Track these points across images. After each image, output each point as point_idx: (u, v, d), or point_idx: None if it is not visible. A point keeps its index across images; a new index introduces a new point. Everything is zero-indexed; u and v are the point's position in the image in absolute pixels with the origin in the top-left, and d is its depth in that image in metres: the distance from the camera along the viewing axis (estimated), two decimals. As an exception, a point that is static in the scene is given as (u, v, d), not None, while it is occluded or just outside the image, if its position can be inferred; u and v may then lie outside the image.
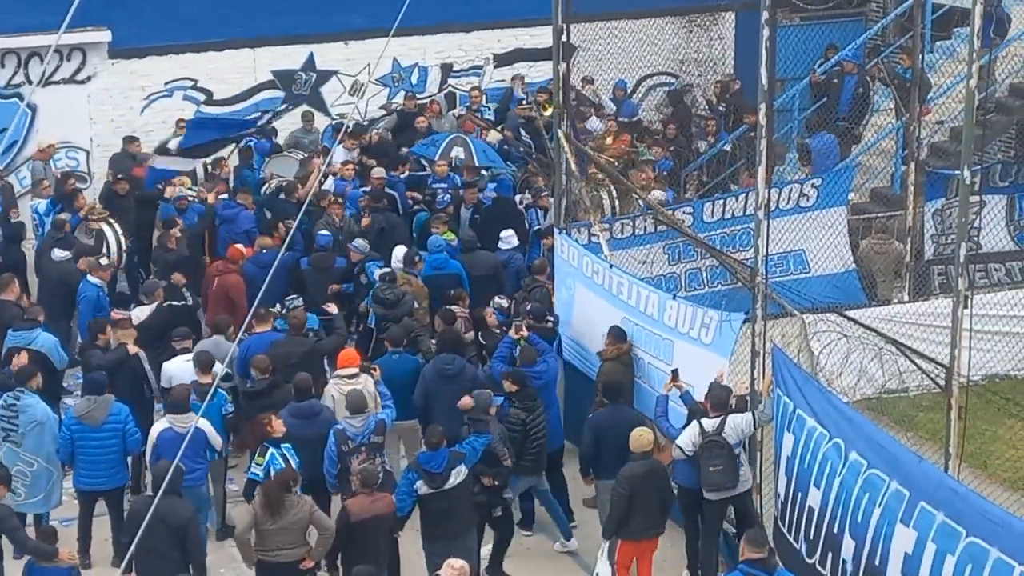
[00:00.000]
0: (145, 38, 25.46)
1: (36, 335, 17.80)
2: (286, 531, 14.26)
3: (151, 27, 25.41)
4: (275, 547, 14.27)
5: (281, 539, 14.27)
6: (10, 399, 16.13)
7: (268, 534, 14.25)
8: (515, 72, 27.32)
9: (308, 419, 15.84)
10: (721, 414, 15.06)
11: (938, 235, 20.16)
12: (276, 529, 14.22)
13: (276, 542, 14.26)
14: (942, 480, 12.56)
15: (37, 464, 16.12)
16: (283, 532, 14.25)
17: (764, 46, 15.05)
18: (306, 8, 26.32)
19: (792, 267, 19.70)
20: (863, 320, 16.03)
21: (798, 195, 19.78)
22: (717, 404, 15.14)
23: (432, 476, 14.84)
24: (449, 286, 19.56)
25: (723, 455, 14.98)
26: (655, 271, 19.10)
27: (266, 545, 14.30)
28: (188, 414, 15.68)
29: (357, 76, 26.96)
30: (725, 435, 14.97)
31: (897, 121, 21.95)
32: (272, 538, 14.26)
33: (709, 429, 15.00)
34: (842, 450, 13.56)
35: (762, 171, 15.39)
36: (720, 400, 15.20)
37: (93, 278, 19.43)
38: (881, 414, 16.39)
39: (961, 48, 21.94)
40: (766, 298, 15.68)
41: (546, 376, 17.04)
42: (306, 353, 17.30)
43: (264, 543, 14.30)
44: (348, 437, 15.56)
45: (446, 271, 19.97)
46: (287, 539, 14.29)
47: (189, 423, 15.47)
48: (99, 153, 25.35)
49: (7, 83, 24.97)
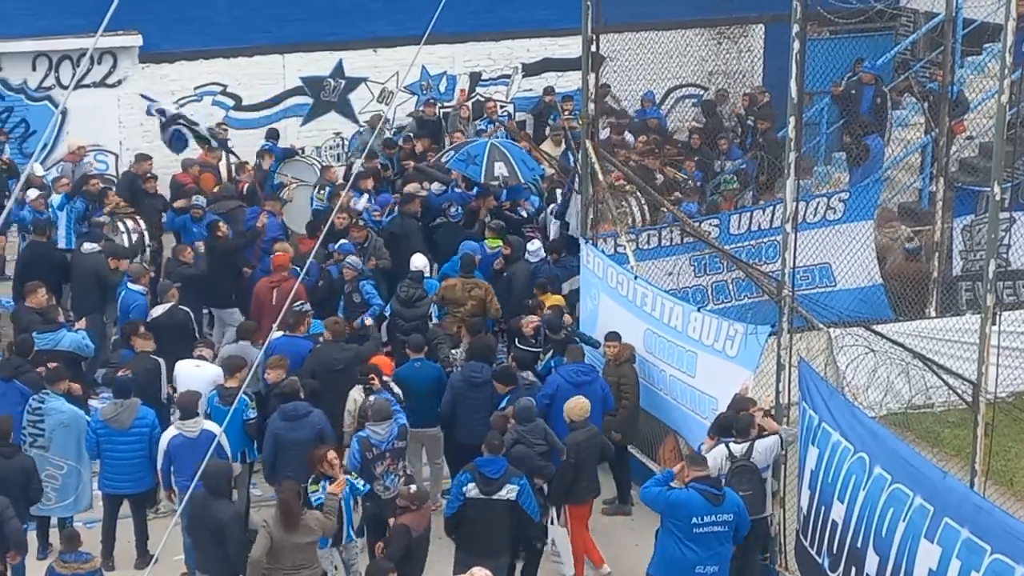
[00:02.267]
0: (175, 43, 25.59)
1: (61, 335, 17.87)
2: (303, 549, 14.06)
3: (182, 32, 25.55)
4: (291, 566, 14.03)
5: (298, 557, 14.03)
6: (35, 403, 16.11)
7: (285, 551, 13.98)
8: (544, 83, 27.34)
9: (296, 421, 15.79)
10: (747, 439, 15.03)
11: (966, 251, 20.09)
12: (292, 546, 13.98)
13: (293, 560, 14.01)
14: (966, 496, 12.49)
15: (67, 466, 16.10)
16: (300, 550, 14.04)
17: (794, 59, 15.02)
18: (335, 15, 26.41)
19: (818, 280, 19.66)
20: (890, 335, 15.97)
21: (825, 208, 19.75)
22: (743, 429, 15.07)
23: (487, 480, 14.57)
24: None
25: (753, 480, 14.94)
26: (682, 283, 19.07)
27: (282, 564, 14.00)
28: (196, 419, 15.64)
29: (385, 84, 27.02)
30: (754, 460, 14.95)
31: (926, 136, 21.90)
32: (289, 556, 13.98)
33: (738, 453, 14.95)
34: (867, 464, 13.51)
35: (790, 184, 15.35)
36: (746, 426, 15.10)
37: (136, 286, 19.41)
38: (907, 430, 16.32)
39: (992, 63, 21.91)
40: (792, 311, 15.64)
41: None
42: (351, 359, 17.28)
43: (280, 561, 13.99)
44: (372, 444, 15.55)
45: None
46: (304, 557, 14.09)
47: (197, 428, 15.49)
48: (128, 156, 25.42)
49: (38, 86, 25.09)
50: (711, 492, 13.92)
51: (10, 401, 16.66)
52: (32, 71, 25.05)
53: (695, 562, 13.95)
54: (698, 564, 13.96)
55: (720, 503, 13.92)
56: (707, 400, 16.29)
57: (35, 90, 25.12)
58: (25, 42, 24.79)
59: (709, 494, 13.90)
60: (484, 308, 19.27)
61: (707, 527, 13.90)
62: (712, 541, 13.96)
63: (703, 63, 27.17)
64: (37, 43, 24.80)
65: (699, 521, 13.86)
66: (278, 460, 15.86)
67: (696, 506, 13.85)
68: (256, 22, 26.00)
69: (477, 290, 19.31)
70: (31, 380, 16.68)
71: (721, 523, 13.96)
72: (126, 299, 19.23)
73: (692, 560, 13.93)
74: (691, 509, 13.85)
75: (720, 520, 13.95)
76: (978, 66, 23.05)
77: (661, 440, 17.62)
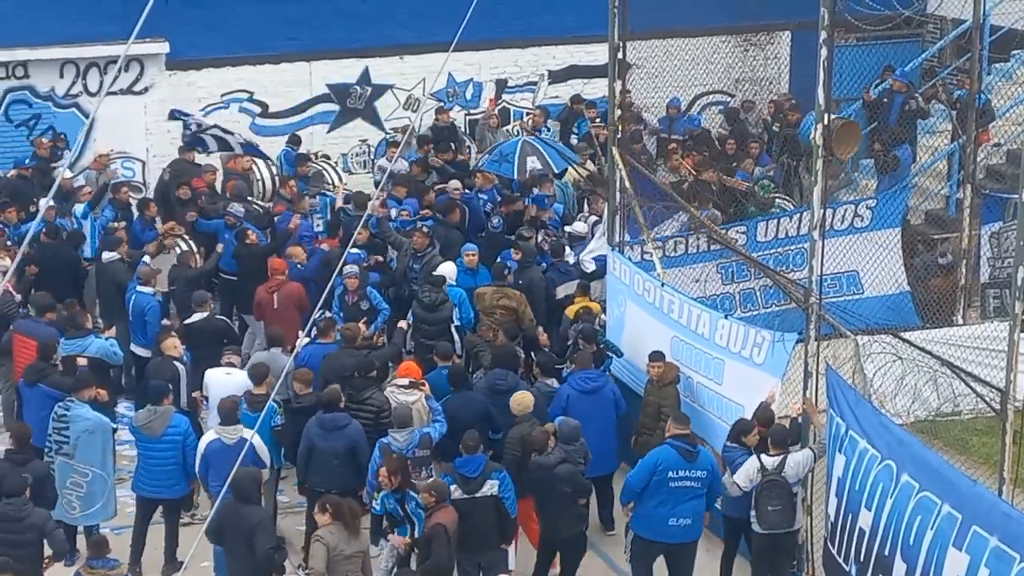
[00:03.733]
0: (202, 50, 25.65)
1: (89, 342, 17.93)
2: (354, 560, 14.09)
3: (208, 39, 25.60)
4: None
5: (351, 568, 14.06)
6: (61, 410, 16.14)
7: (340, 563, 13.99)
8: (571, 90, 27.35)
9: (332, 432, 15.84)
10: (782, 452, 15.03)
11: (994, 258, 20.02)
12: (350, 555, 14.00)
13: (345, 571, 14.02)
14: (995, 504, 12.44)
15: (92, 473, 16.11)
16: (352, 561, 14.06)
17: (822, 66, 14.98)
18: (362, 22, 26.43)
19: (846, 288, 19.61)
20: (918, 342, 15.91)
21: (852, 215, 19.71)
22: (778, 441, 15.10)
23: (466, 480, 14.90)
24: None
25: (783, 495, 15.01)
26: (709, 291, 19.05)
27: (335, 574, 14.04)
28: (237, 426, 15.72)
29: (412, 91, 27.04)
30: (785, 474, 14.96)
31: (953, 143, 21.84)
32: (342, 568, 13.99)
33: (769, 467, 14.97)
34: (894, 472, 13.46)
35: (817, 191, 15.31)
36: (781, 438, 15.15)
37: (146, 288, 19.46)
38: (934, 437, 16.28)
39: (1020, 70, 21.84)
40: (819, 319, 15.60)
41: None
42: (361, 364, 17.32)
43: (332, 573, 14.00)
44: (392, 451, 15.58)
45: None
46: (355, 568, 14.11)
47: (237, 435, 15.55)
48: (155, 164, 25.54)
49: (65, 93, 25.19)
50: (686, 448, 15.09)
51: (36, 405, 16.77)
52: (60, 78, 25.14)
53: (669, 515, 15.13)
54: (671, 517, 15.15)
55: (694, 459, 15.10)
56: (734, 407, 16.27)
57: (62, 97, 25.20)
58: (53, 49, 24.89)
59: (684, 450, 15.07)
60: (516, 317, 19.22)
61: (681, 481, 15.07)
62: (686, 495, 15.10)
63: (730, 70, 27.10)
64: (65, 51, 24.90)
65: (675, 475, 15.04)
66: (309, 467, 15.97)
67: (672, 460, 15.05)
68: (282, 29, 26.04)
69: (506, 300, 19.27)
70: (56, 383, 16.75)
71: (695, 479, 15.10)
72: (139, 302, 19.28)
73: (667, 513, 15.11)
74: (668, 463, 15.04)
75: (694, 476, 15.09)
76: (1006, 73, 22.97)
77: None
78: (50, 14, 24.60)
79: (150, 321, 19.10)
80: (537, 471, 15.46)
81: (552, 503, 15.47)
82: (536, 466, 15.46)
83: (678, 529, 15.22)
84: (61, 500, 16.07)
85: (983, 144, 20.06)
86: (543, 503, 15.58)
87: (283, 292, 19.49)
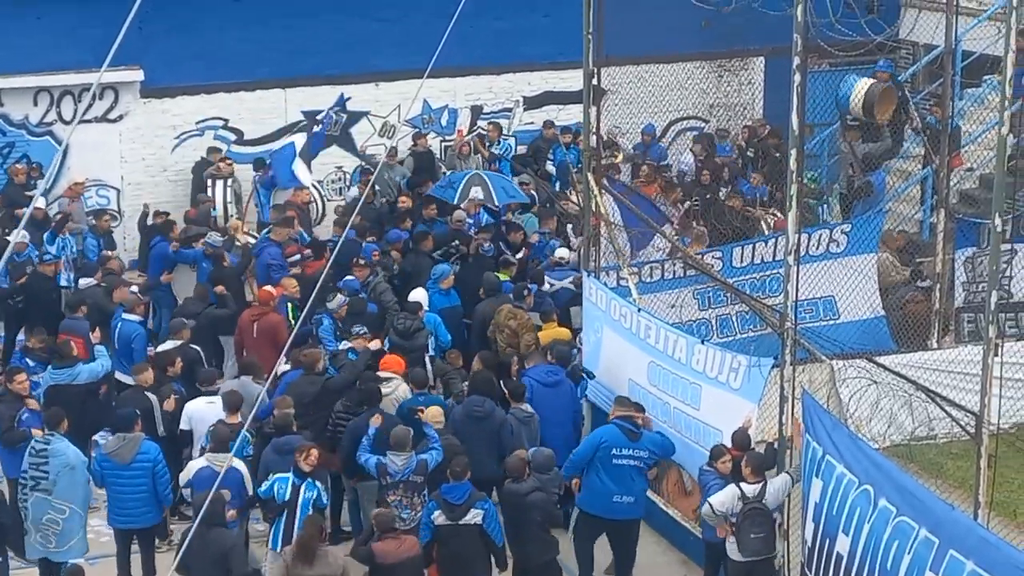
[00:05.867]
0: (177, 77, 25.60)
1: (78, 371, 17.98)
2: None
3: (183, 66, 25.55)
4: None
5: None
6: (40, 444, 15.98)
7: None
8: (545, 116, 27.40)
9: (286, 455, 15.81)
10: (760, 478, 15.03)
11: (969, 283, 20.09)
12: None
13: None
14: (972, 528, 12.48)
15: (69, 510, 15.92)
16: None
17: (795, 91, 15.06)
18: (337, 49, 26.42)
19: (822, 313, 19.64)
20: (893, 367, 15.96)
21: (828, 240, 19.75)
22: (757, 468, 15.11)
23: (451, 507, 14.94)
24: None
25: (765, 523, 15.02)
26: (686, 317, 19.08)
27: None
28: (228, 454, 15.66)
29: (387, 117, 27.05)
30: (766, 501, 14.96)
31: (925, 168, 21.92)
32: None
33: (751, 495, 14.96)
34: (871, 496, 13.49)
35: (792, 216, 15.37)
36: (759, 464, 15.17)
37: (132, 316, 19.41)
38: (910, 461, 16.29)
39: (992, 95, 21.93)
40: (795, 344, 15.64)
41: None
42: (319, 392, 17.36)
43: None
44: (388, 472, 15.62)
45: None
46: None
47: (228, 463, 15.49)
48: (130, 191, 25.50)
49: (39, 121, 25.13)
50: (629, 428, 15.96)
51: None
52: (33, 106, 25.07)
53: (613, 492, 15.93)
54: (615, 494, 15.95)
55: (636, 439, 15.96)
56: (711, 432, 16.28)
57: (36, 125, 25.14)
58: (26, 77, 24.81)
59: (627, 430, 15.96)
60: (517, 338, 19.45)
61: (624, 459, 15.92)
62: (629, 473, 15.99)
63: (704, 96, 27.20)
64: (38, 79, 24.83)
65: (618, 453, 15.90)
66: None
67: (615, 439, 15.91)
68: (257, 56, 26.02)
69: (513, 320, 19.49)
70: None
71: (637, 458, 15.99)
72: (124, 329, 19.24)
73: (611, 490, 15.91)
74: (612, 441, 15.90)
75: (636, 455, 15.98)
76: (978, 98, 23.08)
77: (664, 474, 17.58)
78: (24, 42, 24.53)
79: (136, 348, 19.08)
80: (509, 497, 15.48)
81: (523, 530, 15.49)
82: (509, 493, 15.50)
83: (621, 506, 16.01)
84: (34, 536, 15.94)
85: (955, 169, 20.12)
86: (514, 530, 15.59)
87: (263, 322, 19.52)
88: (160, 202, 25.05)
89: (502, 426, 16.73)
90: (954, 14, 19.52)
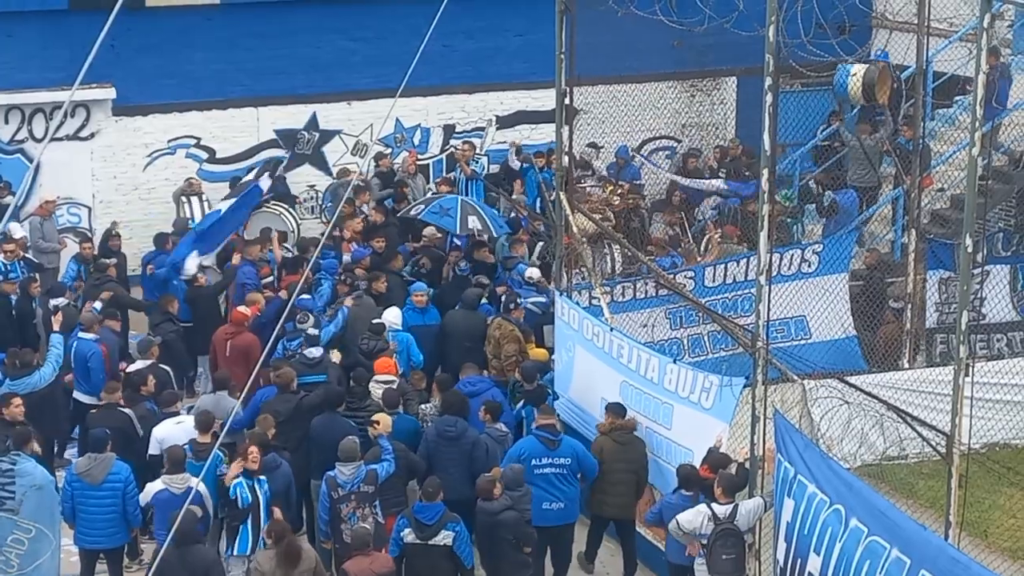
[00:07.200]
0: (149, 96, 25.55)
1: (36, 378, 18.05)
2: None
3: (155, 85, 25.52)
4: None
5: None
6: (6, 464, 15.74)
7: None
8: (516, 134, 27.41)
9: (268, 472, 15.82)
10: (731, 500, 15.02)
11: (942, 304, 20.16)
12: None
13: None
14: (943, 548, 12.50)
15: (35, 530, 15.67)
16: None
17: (767, 112, 15.09)
18: (309, 68, 26.43)
19: (793, 333, 19.69)
20: (864, 387, 16.00)
21: (800, 261, 19.80)
22: (729, 489, 15.08)
23: (421, 526, 14.94)
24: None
25: (737, 544, 14.99)
26: (657, 336, 19.09)
27: None
28: (184, 474, 15.62)
29: (360, 136, 27.04)
30: (737, 522, 14.94)
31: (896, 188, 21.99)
32: None
33: (722, 516, 14.94)
34: (843, 516, 13.49)
35: (763, 236, 15.40)
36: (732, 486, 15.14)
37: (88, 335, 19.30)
38: (881, 481, 16.34)
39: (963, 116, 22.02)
40: (767, 363, 15.66)
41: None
42: (293, 410, 17.32)
43: None
44: (338, 484, 15.61)
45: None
46: None
47: (185, 484, 15.42)
48: (101, 210, 25.41)
49: (11, 139, 25.05)
50: (547, 438, 16.29)
51: None
52: (5, 124, 24.98)
53: (542, 499, 16.18)
54: (544, 501, 16.21)
55: (555, 447, 16.25)
56: (683, 452, 16.28)
57: (8, 143, 25.05)
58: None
59: (546, 439, 16.28)
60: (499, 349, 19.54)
61: (546, 468, 16.23)
62: (553, 481, 16.28)
63: (676, 115, 27.28)
64: (10, 96, 24.75)
65: (538, 463, 16.20)
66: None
67: (534, 450, 16.24)
68: (230, 75, 26.00)
69: (498, 331, 19.64)
70: None
71: (559, 466, 16.27)
72: (80, 348, 19.07)
73: (540, 497, 16.15)
74: (531, 452, 16.21)
75: (557, 463, 16.26)
76: (949, 118, 23.16)
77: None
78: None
79: (93, 367, 18.95)
80: (481, 517, 15.45)
81: (496, 549, 15.46)
82: (481, 512, 15.46)
83: (552, 512, 16.30)
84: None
85: (926, 189, 20.20)
86: (487, 550, 15.57)
87: (236, 341, 19.52)
88: (131, 221, 24.98)
89: (475, 446, 16.68)
90: (925, 35, 19.58)
